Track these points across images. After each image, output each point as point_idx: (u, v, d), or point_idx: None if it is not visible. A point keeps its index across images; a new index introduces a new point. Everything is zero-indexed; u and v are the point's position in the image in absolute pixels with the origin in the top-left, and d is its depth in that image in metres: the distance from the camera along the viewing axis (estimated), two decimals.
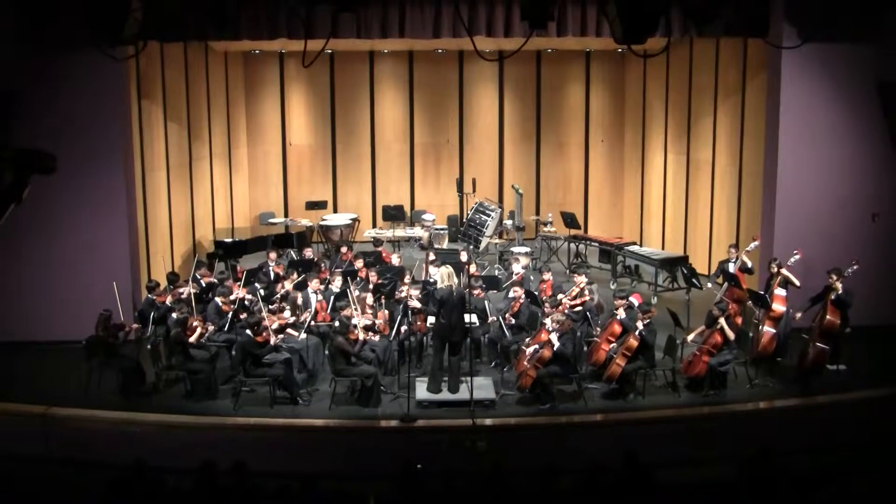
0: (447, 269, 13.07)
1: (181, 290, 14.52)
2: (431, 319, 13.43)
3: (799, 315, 13.61)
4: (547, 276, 15.32)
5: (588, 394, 12.87)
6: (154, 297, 14.25)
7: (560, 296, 14.33)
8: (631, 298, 13.71)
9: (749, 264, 14.97)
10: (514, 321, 14.04)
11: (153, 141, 16.85)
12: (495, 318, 14.09)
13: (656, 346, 13.08)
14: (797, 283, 13.82)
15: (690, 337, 13.36)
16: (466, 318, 13.04)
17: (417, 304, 14.00)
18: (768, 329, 13.52)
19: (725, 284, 14.79)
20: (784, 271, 13.85)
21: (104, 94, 14.72)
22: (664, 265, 17.42)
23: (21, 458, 11.64)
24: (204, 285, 15.19)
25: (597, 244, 19.65)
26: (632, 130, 22.28)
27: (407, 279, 14.91)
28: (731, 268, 14.96)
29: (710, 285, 14.99)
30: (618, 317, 13.21)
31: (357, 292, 14.30)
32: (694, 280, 15.60)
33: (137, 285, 15.37)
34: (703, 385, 12.82)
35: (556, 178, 23.17)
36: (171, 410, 12.37)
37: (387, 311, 14.22)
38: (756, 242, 15.25)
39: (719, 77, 18.55)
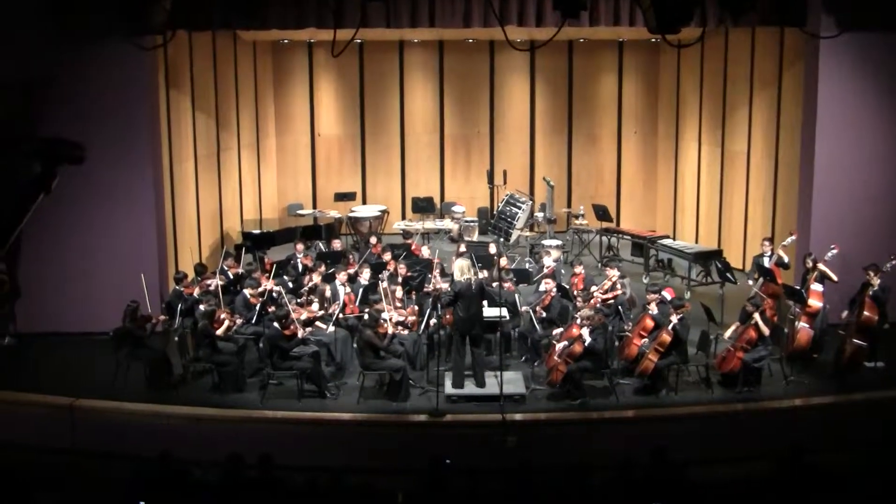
0: (464, 262, 13.03)
1: (209, 281, 14.59)
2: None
3: (845, 314, 13.50)
4: (578, 269, 15.28)
5: (619, 389, 12.82)
6: (181, 289, 14.32)
7: (592, 289, 14.29)
8: (664, 293, 13.65)
9: (786, 259, 14.84)
10: (544, 315, 14.01)
11: (181, 131, 16.92)
12: (526, 311, 14.06)
13: (689, 342, 13.00)
14: (834, 277, 13.69)
15: (727, 334, 13.26)
16: (496, 311, 13.02)
17: (445, 287, 13.93)
18: (804, 325, 13.41)
19: (761, 279, 14.66)
20: (821, 266, 13.72)
21: (132, 83, 14.80)
22: (698, 259, 17.31)
23: (47, 449, 11.73)
24: (231, 277, 15.24)
25: (629, 237, 19.56)
26: (665, 122, 22.14)
27: (436, 272, 14.91)
28: (767, 262, 14.84)
29: (750, 282, 14.85)
30: (650, 311, 13.15)
31: (386, 285, 14.30)
32: (728, 274, 15.48)
33: (165, 277, 15.46)
34: (737, 381, 12.74)
35: (587, 170, 23.09)
36: (197, 403, 12.43)
37: (416, 305, 14.24)
38: (793, 237, 15.11)
39: (755, 67, 18.39)
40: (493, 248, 16.40)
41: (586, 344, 12.36)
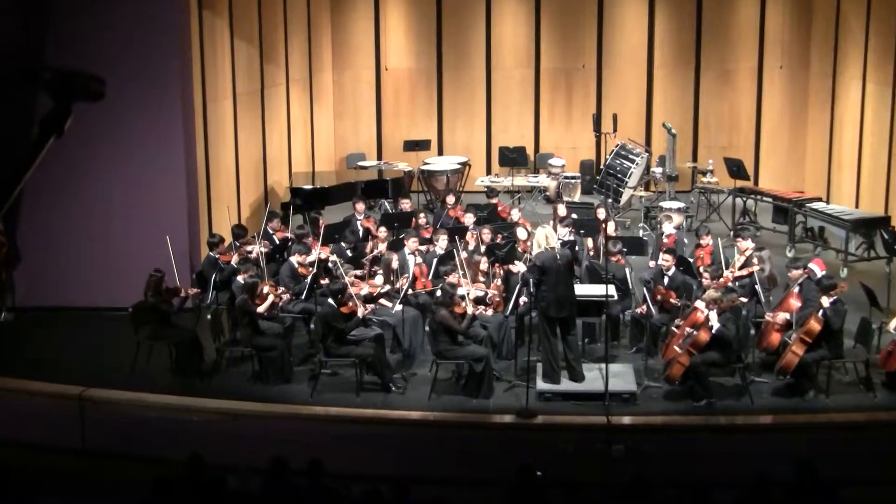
0: (545, 230, 12.96)
1: (249, 247, 14.73)
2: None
3: None
4: (706, 239, 15.13)
5: (755, 389, 12.68)
6: (216, 256, 14.48)
7: (722, 264, 14.14)
8: (812, 266, 13.46)
9: None
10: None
11: (217, 63, 17.05)
12: (644, 288, 13.98)
13: (845, 332, 12.82)
14: None
15: (893, 324, 13.05)
16: (600, 289, 12.96)
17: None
18: None
19: None
20: None
21: (158, 3, 14.93)
22: (858, 228, 17.05)
23: (52, 448, 11.94)
24: (277, 242, 15.37)
25: (770, 200, 19.31)
26: (819, 54, 21.75)
27: (524, 236, 14.90)
28: None
29: None
30: (795, 291, 12.99)
31: (466, 255, 14.30)
32: None
33: (196, 241, 15.64)
34: None
35: (719, 116, 22.85)
36: (234, 396, 12.57)
37: (502, 280, 14.23)
38: None
39: None
40: (600, 213, 16.30)
41: (714, 331, 12.24)
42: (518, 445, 11.71)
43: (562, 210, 16.46)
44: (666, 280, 13.85)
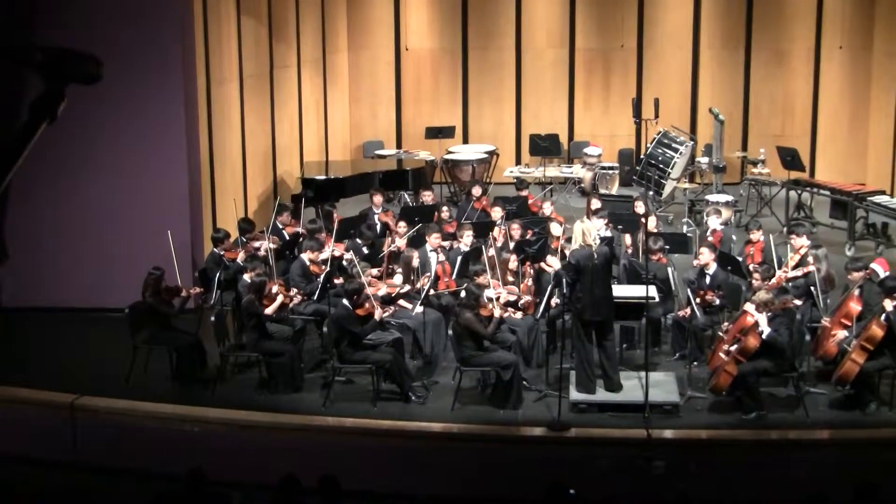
0: (582, 225, 12.96)
1: (257, 243, 14.76)
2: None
3: None
4: (756, 235, 15.11)
5: (810, 400, 12.64)
6: (221, 253, 14.52)
7: (774, 263, 14.11)
8: (874, 266, 13.42)
9: None
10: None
11: (222, 42, 17.09)
12: (687, 289, 13.97)
13: None
14: None
15: None
16: (640, 290, 12.94)
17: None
18: None
19: None
20: None
21: None
22: None
23: (41, 462, 11.96)
24: (287, 238, 15.41)
25: (828, 193, 19.25)
26: (884, 33, 21.69)
27: (557, 232, 14.91)
28: None
29: None
30: (855, 294, 12.95)
31: (493, 253, 14.30)
32: None
33: (199, 236, 15.69)
34: None
35: (772, 100, 22.82)
36: (239, 405, 12.59)
37: (532, 281, 14.23)
38: None
39: None
40: (640, 206, 16.28)
41: (764, 337, 12.21)
42: (549, 461, 11.71)
43: (596, 204, 16.43)
44: (707, 279, 13.83)
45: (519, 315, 13.60)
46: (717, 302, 13.23)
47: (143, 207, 15.22)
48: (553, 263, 14.07)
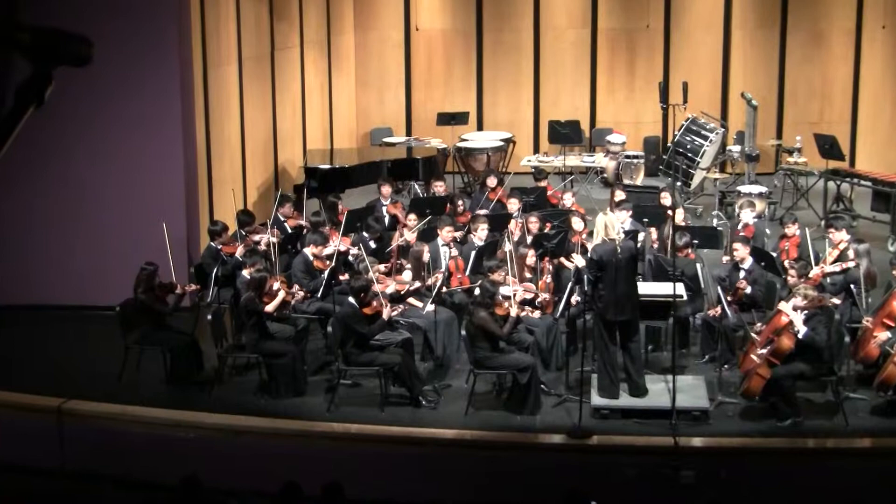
0: (605, 218, 12.91)
1: (257, 237, 14.76)
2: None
3: None
4: (791, 229, 15.07)
5: (850, 406, 12.60)
6: (219, 247, 14.52)
7: (811, 259, 14.07)
8: None
9: None
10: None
11: (220, 22, 17.10)
12: (718, 287, 13.93)
13: None
14: None
15: None
16: (667, 288, 12.90)
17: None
18: None
19: None
20: None
21: None
22: None
23: (27, 469, 11.97)
24: (289, 231, 15.40)
25: (869, 184, 19.20)
26: None
27: (578, 226, 14.88)
28: None
29: None
30: None
31: (510, 247, 14.28)
32: None
33: (196, 229, 15.71)
34: None
35: (809, 84, 22.79)
36: (238, 410, 12.60)
37: (552, 278, 14.21)
38: None
39: None
40: (667, 198, 16.23)
41: (800, 337, 12.17)
42: (569, 470, 11.71)
43: (620, 195, 16.38)
44: (742, 275, 13.78)
45: (537, 314, 13.59)
46: (749, 290, 13.16)
47: (136, 199, 15.24)
48: (576, 260, 14.01)
